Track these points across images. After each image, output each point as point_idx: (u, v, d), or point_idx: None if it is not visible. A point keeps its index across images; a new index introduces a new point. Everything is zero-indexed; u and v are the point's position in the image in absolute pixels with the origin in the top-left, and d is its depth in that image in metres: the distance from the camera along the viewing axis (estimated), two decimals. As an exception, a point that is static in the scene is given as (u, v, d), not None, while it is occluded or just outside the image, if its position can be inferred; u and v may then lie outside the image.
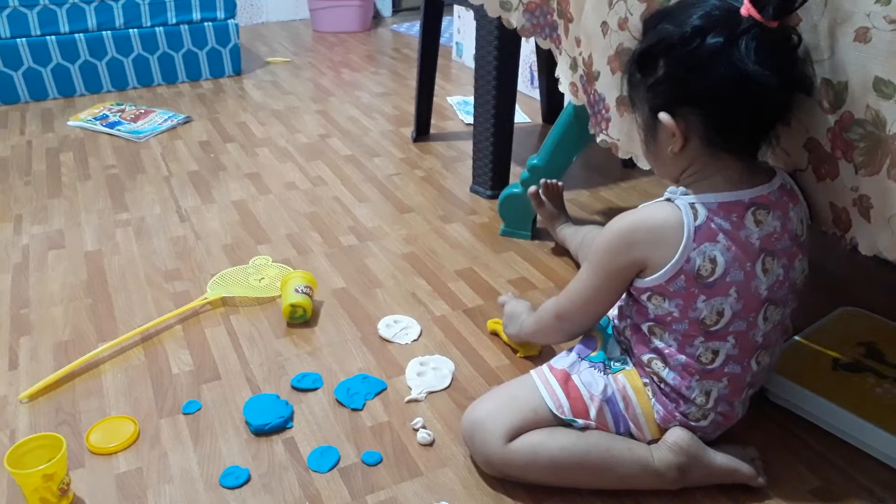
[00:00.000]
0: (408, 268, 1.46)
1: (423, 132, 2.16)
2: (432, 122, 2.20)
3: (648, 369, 0.91)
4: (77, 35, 2.43)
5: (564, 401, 0.91)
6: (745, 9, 0.78)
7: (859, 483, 0.95)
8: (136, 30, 2.52)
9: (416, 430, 1.03)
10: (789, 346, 1.09)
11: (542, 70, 2.23)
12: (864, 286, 1.38)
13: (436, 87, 2.14)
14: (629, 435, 0.92)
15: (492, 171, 1.74)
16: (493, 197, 1.71)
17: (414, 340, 1.24)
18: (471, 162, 1.81)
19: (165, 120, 2.27)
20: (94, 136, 2.18)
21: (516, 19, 1.36)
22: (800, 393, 1.03)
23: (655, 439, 0.92)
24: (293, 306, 1.26)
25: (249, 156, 2.03)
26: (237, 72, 2.77)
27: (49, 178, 1.88)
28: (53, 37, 2.40)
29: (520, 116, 2.30)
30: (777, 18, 0.77)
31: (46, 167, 1.95)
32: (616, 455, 0.90)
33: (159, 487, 0.95)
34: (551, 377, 0.94)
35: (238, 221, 1.66)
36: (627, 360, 0.95)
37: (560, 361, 0.96)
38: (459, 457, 0.99)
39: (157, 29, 2.56)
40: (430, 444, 1.01)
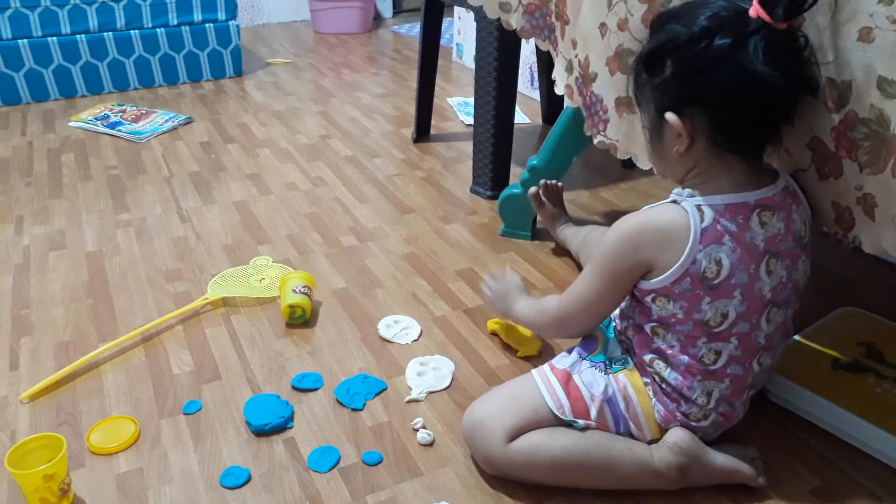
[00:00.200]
0: (408, 268, 1.47)
1: (423, 133, 2.16)
2: (433, 122, 2.20)
3: (650, 369, 0.91)
4: (78, 36, 2.44)
5: (565, 401, 0.91)
6: (753, 10, 0.78)
7: (859, 483, 0.95)
8: (137, 31, 2.53)
9: (417, 430, 1.03)
10: (789, 346, 1.09)
11: (542, 71, 2.23)
12: (864, 286, 1.38)
13: (436, 88, 2.15)
14: (629, 435, 0.92)
15: (492, 171, 1.74)
16: (494, 197, 1.71)
17: (414, 340, 1.24)
18: (471, 162, 1.81)
19: (166, 121, 2.28)
20: (95, 136, 2.18)
21: (516, 21, 1.36)
22: (800, 393, 1.03)
23: (656, 439, 0.92)
24: (292, 307, 1.27)
25: (250, 156, 2.04)
26: (238, 73, 2.78)
27: (50, 179, 1.89)
28: (55, 38, 2.40)
29: (520, 117, 2.30)
30: (786, 20, 0.78)
31: (47, 168, 1.95)
32: (616, 455, 0.90)
33: (160, 488, 0.95)
34: (553, 377, 0.94)
35: (239, 222, 1.66)
36: (628, 359, 0.95)
37: (561, 361, 0.96)
38: (459, 457, 0.99)
39: (158, 30, 2.56)
40: (431, 444, 1.02)
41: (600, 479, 0.91)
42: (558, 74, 1.32)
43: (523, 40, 1.49)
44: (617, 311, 0.99)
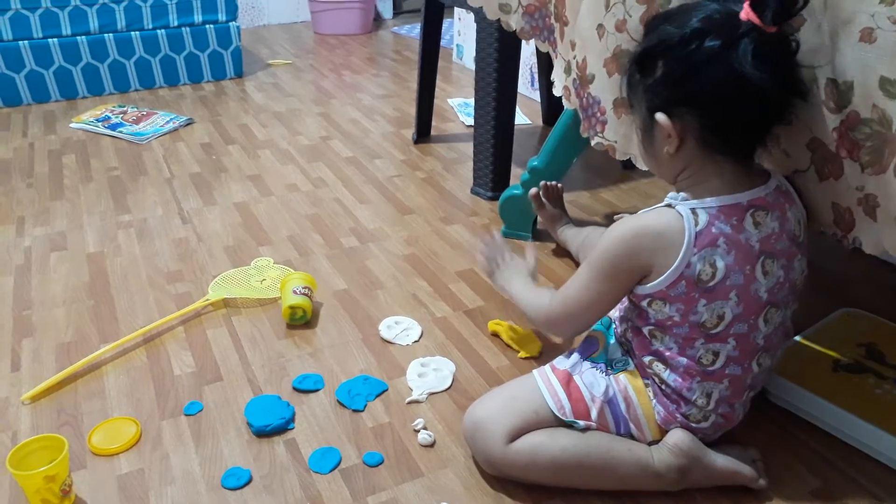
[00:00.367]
0: (409, 269, 1.47)
1: (423, 134, 2.16)
2: (433, 123, 2.20)
3: (649, 370, 0.91)
4: (79, 37, 2.44)
5: (566, 402, 0.91)
6: (744, 13, 0.78)
7: (859, 484, 0.95)
8: (137, 32, 2.53)
9: (417, 431, 1.04)
10: (789, 347, 1.09)
11: (542, 72, 2.23)
12: (864, 287, 1.38)
13: (436, 89, 2.15)
14: (630, 436, 0.93)
15: (492, 172, 1.74)
16: (494, 198, 1.71)
17: (415, 341, 1.24)
18: (471, 163, 1.81)
19: (167, 122, 2.28)
20: (96, 137, 2.18)
21: (515, 22, 1.37)
22: (800, 394, 1.03)
23: (656, 440, 0.92)
24: (292, 308, 1.27)
25: (251, 158, 2.04)
26: (239, 74, 2.78)
27: (51, 180, 1.89)
28: (55, 39, 2.40)
29: (520, 118, 2.30)
30: (776, 24, 0.78)
31: (49, 169, 1.96)
32: (616, 456, 0.90)
33: (161, 489, 0.95)
34: (554, 378, 0.94)
35: (240, 223, 1.66)
36: (629, 361, 0.95)
37: (562, 362, 0.97)
38: (460, 458, 0.99)
39: (158, 31, 2.56)
40: (431, 445, 1.02)
41: (600, 479, 0.91)
42: (557, 76, 1.32)
43: (523, 41, 1.50)
44: (616, 314, 0.99)
